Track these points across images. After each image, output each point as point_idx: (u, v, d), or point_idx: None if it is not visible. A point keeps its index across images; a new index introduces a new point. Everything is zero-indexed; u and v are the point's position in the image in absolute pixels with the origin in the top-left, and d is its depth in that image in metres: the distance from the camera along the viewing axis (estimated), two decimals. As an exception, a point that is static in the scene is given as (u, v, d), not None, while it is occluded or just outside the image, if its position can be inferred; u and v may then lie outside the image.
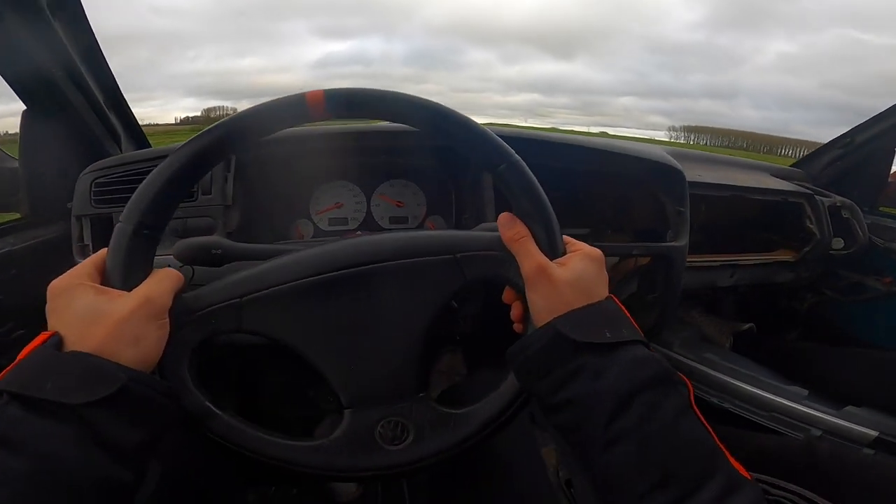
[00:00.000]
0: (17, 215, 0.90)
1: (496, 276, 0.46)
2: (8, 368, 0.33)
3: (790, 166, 1.43)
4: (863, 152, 1.29)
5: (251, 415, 0.45)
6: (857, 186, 1.31)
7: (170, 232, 0.73)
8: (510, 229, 0.45)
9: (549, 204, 0.45)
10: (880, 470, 0.70)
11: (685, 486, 0.33)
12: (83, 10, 0.81)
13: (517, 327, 0.47)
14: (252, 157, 0.79)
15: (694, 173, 1.06)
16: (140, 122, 1.04)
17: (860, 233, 1.21)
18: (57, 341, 0.34)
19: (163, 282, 0.39)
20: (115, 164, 0.78)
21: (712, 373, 1.16)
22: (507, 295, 0.48)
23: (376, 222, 0.91)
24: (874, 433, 0.89)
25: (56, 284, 0.37)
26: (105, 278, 0.39)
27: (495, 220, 0.77)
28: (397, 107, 0.45)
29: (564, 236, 0.46)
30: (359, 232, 0.87)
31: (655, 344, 1.27)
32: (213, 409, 0.41)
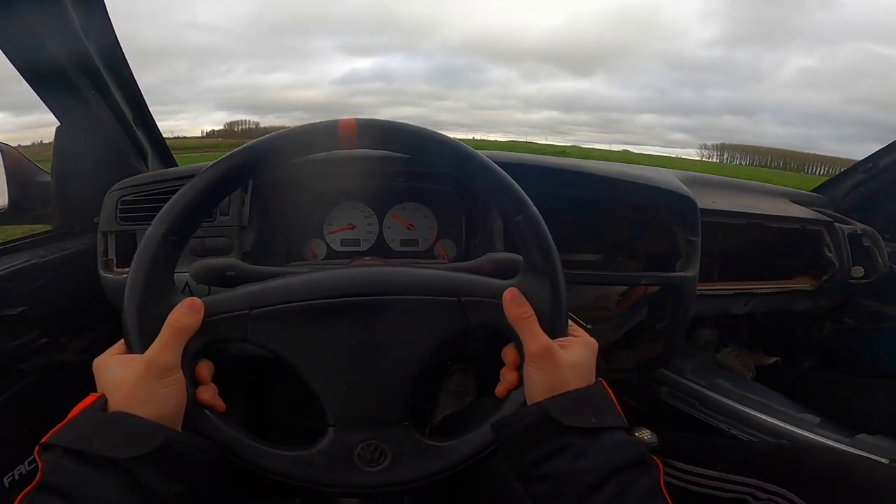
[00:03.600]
0: (48, 227, 0.95)
1: (499, 323, 0.47)
2: (59, 426, 0.38)
3: (811, 191, 1.40)
4: (886, 178, 1.25)
5: (261, 425, 0.47)
6: (880, 213, 1.27)
7: (189, 251, 0.76)
8: (517, 307, 0.46)
9: (559, 262, 0.47)
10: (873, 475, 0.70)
11: None
12: (112, 27, 0.84)
13: (501, 391, 0.48)
14: (268, 178, 0.82)
15: (709, 200, 1.05)
16: (170, 134, 1.07)
17: (881, 261, 1.17)
18: (103, 402, 0.39)
19: (170, 341, 0.42)
20: (141, 182, 0.81)
21: (723, 400, 1.15)
22: (510, 356, 0.48)
23: (387, 244, 0.93)
24: (884, 461, 0.86)
25: (95, 361, 0.43)
26: (127, 345, 0.43)
27: (503, 248, 0.77)
28: (425, 144, 0.47)
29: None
30: (367, 258, 0.89)
31: (665, 370, 1.25)
32: (204, 409, 0.44)
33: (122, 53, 0.89)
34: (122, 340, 0.44)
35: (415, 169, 0.84)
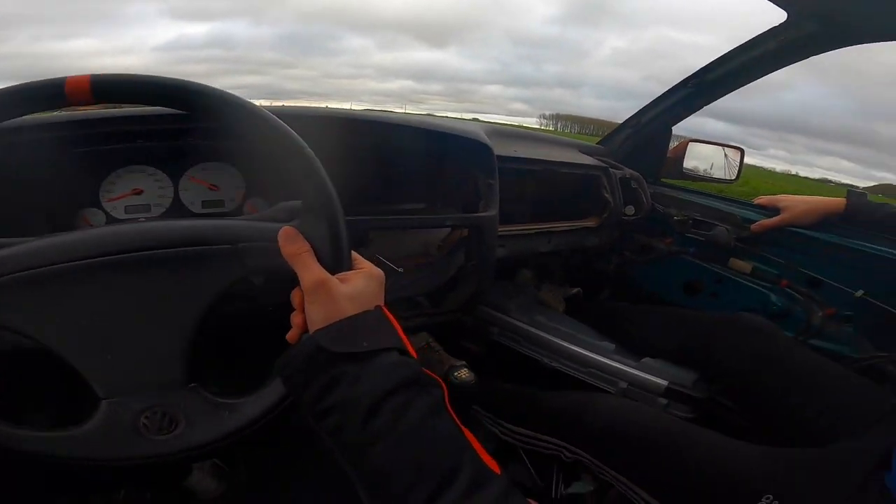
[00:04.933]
0: None
1: (279, 265, 0.45)
2: None
3: (597, 143, 1.65)
4: (647, 131, 1.53)
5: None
6: (643, 160, 1.54)
7: None
8: (291, 244, 0.44)
9: (336, 200, 0.46)
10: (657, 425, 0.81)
11: (437, 481, 0.36)
12: None
13: (291, 335, 0.46)
14: (8, 143, 0.67)
15: (511, 149, 1.16)
16: None
17: (645, 200, 1.44)
18: None
19: None
20: None
21: (541, 334, 1.28)
22: (297, 298, 0.46)
23: (186, 207, 0.83)
24: (665, 383, 1.01)
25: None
26: None
27: None
28: (179, 95, 0.43)
29: (353, 253, 0.47)
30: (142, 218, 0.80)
31: (494, 311, 1.38)
32: None
33: None
34: None
35: (212, 126, 0.77)
